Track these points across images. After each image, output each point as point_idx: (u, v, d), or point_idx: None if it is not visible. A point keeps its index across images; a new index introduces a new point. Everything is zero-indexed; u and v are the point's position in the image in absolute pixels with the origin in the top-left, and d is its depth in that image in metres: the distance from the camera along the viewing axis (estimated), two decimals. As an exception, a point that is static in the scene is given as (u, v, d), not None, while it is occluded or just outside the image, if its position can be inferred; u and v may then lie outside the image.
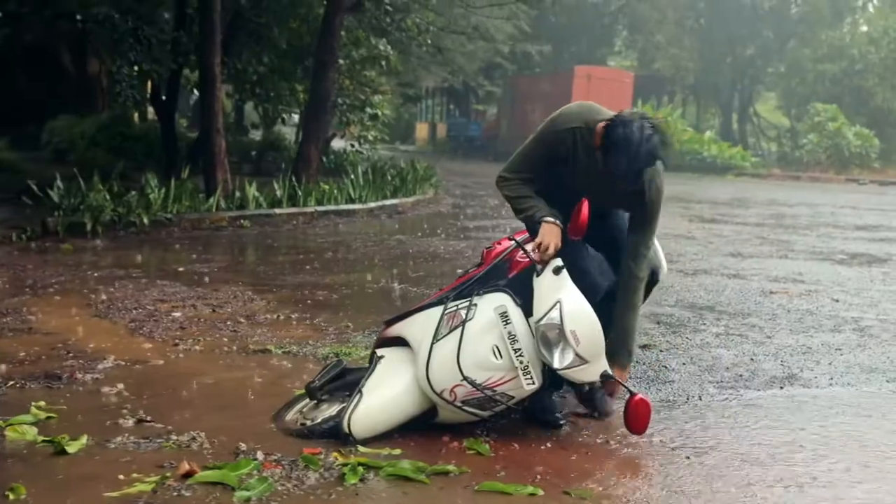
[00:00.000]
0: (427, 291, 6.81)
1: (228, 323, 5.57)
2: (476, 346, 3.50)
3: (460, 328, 3.54)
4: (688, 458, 3.51)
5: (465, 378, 3.47)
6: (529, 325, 3.49)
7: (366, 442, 3.49)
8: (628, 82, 30.59)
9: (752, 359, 5.06)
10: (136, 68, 14.66)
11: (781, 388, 4.52)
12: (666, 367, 4.81)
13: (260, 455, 3.34)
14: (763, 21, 38.59)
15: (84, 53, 21.90)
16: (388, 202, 13.48)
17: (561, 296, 3.42)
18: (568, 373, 3.46)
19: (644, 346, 5.24)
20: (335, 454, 3.38)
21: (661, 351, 5.17)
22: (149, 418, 3.71)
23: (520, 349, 3.49)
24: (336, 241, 9.87)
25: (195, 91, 24.02)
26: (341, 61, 15.64)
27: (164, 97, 15.43)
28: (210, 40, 11.73)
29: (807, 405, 4.25)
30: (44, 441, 3.40)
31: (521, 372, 3.49)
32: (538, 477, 3.27)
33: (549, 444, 3.60)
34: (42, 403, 3.81)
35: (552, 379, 3.62)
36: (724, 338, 5.57)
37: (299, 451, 3.39)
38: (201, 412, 3.85)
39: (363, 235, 10.48)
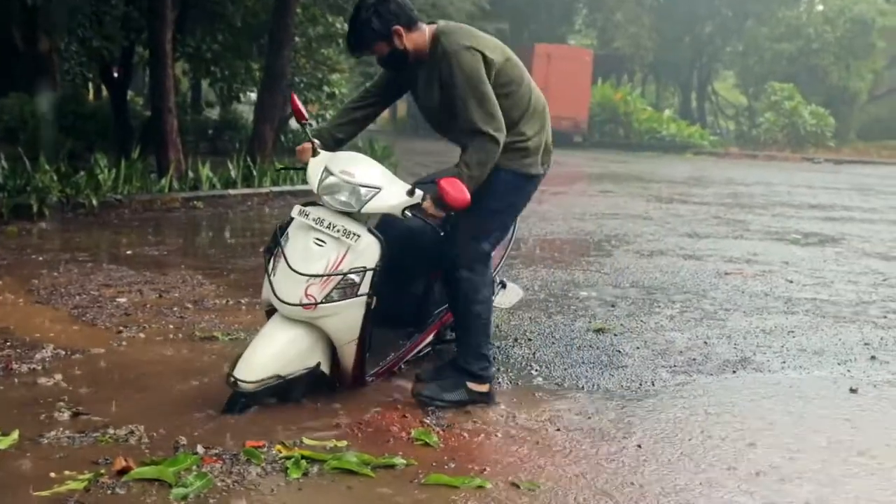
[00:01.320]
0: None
1: (175, 309, 5.43)
2: (298, 250, 3.61)
3: (280, 250, 3.65)
4: (638, 446, 3.47)
5: (306, 276, 3.54)
6: (324, 204, 3.67)
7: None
8: (588, 61, 30.58)
9: (705, 342, 5.04)
10: (85, 45, 14.32)
11: (734, 372, 4.51)
12: (619, 352, 4.77)
13: (200, 449, 3.24)
14: (721, 0, 38.76)
15: (34, 30, 21.40)
16: (345, 182, 13.30)
17: (324, 163, 3.71)
18: (372, 205, 3.60)
19: (598, 331, 5.20)
20: (278, 447, 3.29)
21: (614, 335, 5.13)
22: (85, 411, 3.58)
23: (330, 223, 3.61)
24: (290, 223, 9.71)
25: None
26: (297, 39, 15.42)
27: (115, 75, 15.08)
28: (160, 16, 11.46)
29: (757, 390, 4.22)
30: (-29, 437, 3.27)
31: (345, 238, 3.59)
32: (487, 469, 3.21)
33: (499, 435, 3.54)
34: (-27, 396, 3.67)
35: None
36: (679, 321, 5.55)
37: (241, 445, 3.30)
38: (141, 404, 3.73)
39: (318, 216, 10.32)
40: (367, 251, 3.60)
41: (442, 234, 3.83)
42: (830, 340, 5.14)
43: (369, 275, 3.59)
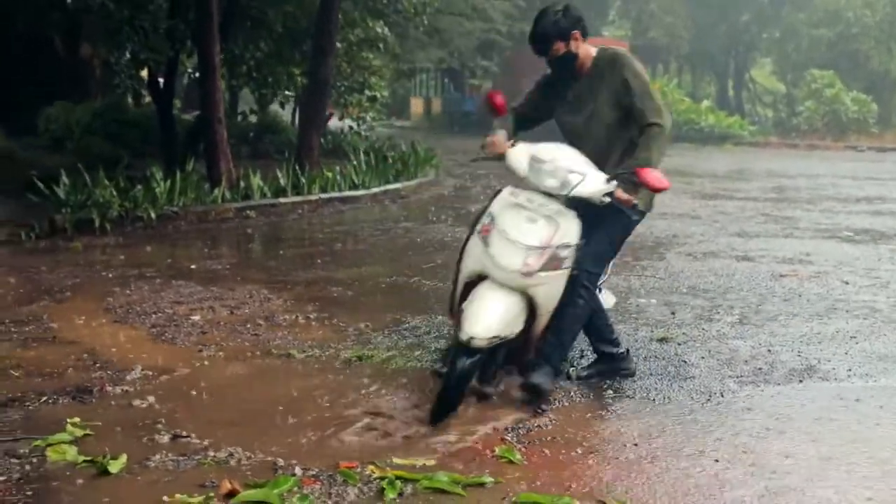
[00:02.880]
0: (440, 284, 6.89)
1: (248, 326, 5.62)
2: (513, 225, 3.95)
3: (493, 225, 3.99)
4: (716, 460, 3.58)
5: (527, 247, 3.89)
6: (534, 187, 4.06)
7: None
8: (623, 53, 30.46)
9: (769, 350, 5.13)
10: (134, 57, 14.61)
11: (801, 381, 4.60)
12: (685, 362, 4.88)
13: (298, 471, 3.41)
14: (757, -13, 38.42)
15: (76, 39, 21.79)
16: (391, 187, 13.50)
17: (530, 152, 4.12)
18: (578, 190, 3.96)
19: (662, 340, 5.31)
20: (371, 468, 3.45)
21: (678, 344, 5.24)
22: (184, 434, 3.77)
23: (541, 203, 3.99)
24: (343, 231, 9.91)
25: (188, 73, 24.00)
26: (338, 45, 15.59)
27: (161, 85, 15.33)
28: (208, 28, 11.70)
29: (825, 401, 4.31)
30: (85, 461, 3.46)
31: (556, 216, 3.96)
32: (572, 485, 3.34)
33: (579, 450, 3.67)
34: (77, 420, 3.86)
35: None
36: (740, 327, 5.64)
37: (335, 465, 3.46)
38: (234, 425, 3.91)
39: (369, 223, 10.51)
40: (572, 229, 4.01)
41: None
42: (894, 346, 5.20)
43: (573, 250, 4.00)
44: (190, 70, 23.66)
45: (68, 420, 3.85)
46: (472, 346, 3.82)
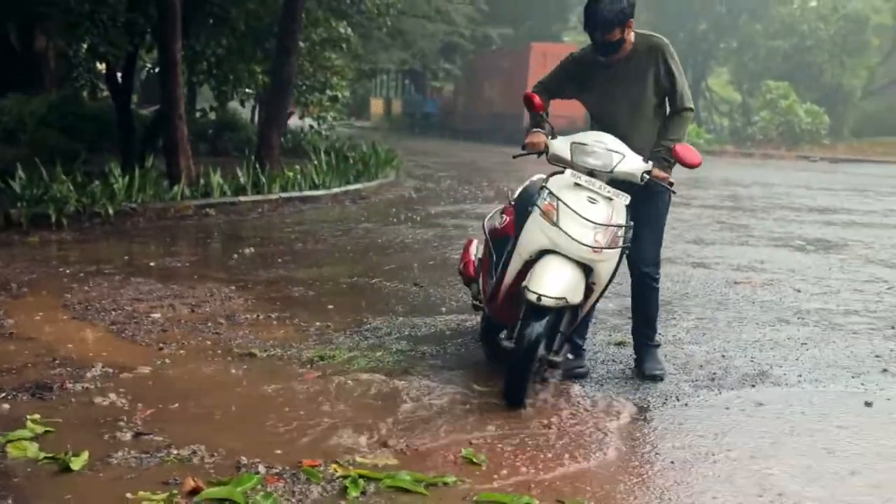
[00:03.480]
0: (401, 285, 6.93)
1: (209, 324, 5.61)
2: (579, 205, 4.20)
3: (558, 203, 4.22)
4: (672, 462, 3.67)
5: (594, 224, 4.15)
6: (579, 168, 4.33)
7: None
8: (583, 59, 30.72)
9: (723, 355, 5.24)
10: (92, 51, 14.44)
11: (753, 386, 4.71)
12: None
13: (262, 469, 3.43)
14: (716, -4, 38.97)
15: (31, 31, 21.46)
16: (351, 187, 13.52)
17: (570, 140, 4.41)
18: (620, 168, 4.28)
19: (619, 344, 5.40)
20: (334, 466, 3.48)
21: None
22: (146, 431, 3.77)
23: (601, 185, 4.27)
24: (304, 231, 9.90)
25: (146, 68, 23.78)
26: (301, 44, 15.55)
27: (119, 79, 15.17)
28: (170, 24, 11.62)
29: (778, 406, 4.43)
30: (46, 458, 3.45)
31: (614, 197, 4.25)
32: (532, 485, 3.41)
33: (543, 454, 3.73)
34: (37, 417, 3.85)
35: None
36: (696, 333, 5.76)
37: (298, 464, 3.49)
38: (197, 423, 3.92)
39: (330, 224, 10.52)
40: (623, 210, 4.27)
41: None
42: (843, 353, 5.35)
43: (625, 230, 4.24)
44: (148, 65, 23.47)
45: (28, 417, 3.84)
46: (541, 304, 4.06)
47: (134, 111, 18.58)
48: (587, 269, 4.23)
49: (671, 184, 4.42)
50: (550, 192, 4.28)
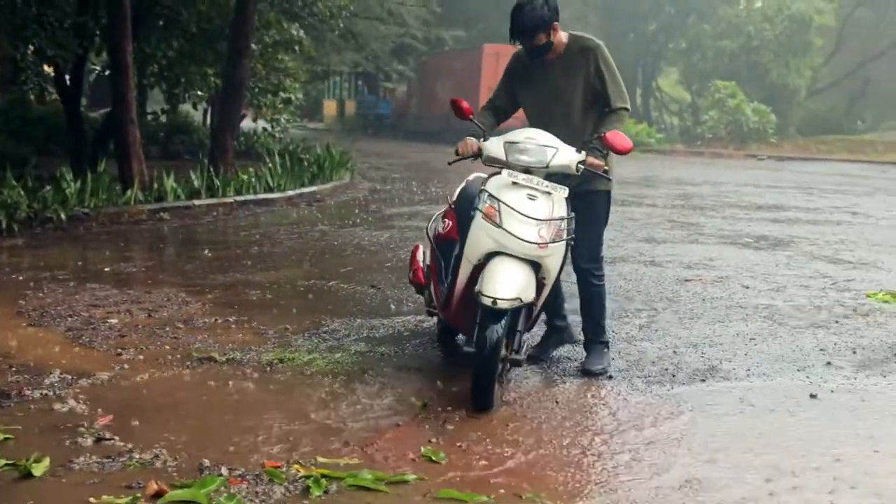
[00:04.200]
0: (358, 287, 6.99)
1: (167, 329, 5.62)
2: (519, 203, 4.27)
3: (498, 205, 4.29)
4: (633, 458, 3.78)
5: (536, 220, 4.24)
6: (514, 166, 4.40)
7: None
8: (536, 60, 30.99)
9: (674, 351, 5.38)
10: (40, 53, 14.25)
11: (703, 381, 4.85)
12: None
13: (224, 470, 3.47)
14: (664, -2, 39.51)
15: (-26, 32, 21.10)
16: (306, 189, 13.53)
17: (503, 140, 4.48)
18: (555, 161, 4.36)
19: (577, 342, 5.50)
20: (296, 466, 3.54)
21: (590, 346, 5.43)
22: (107, 436, 3.79)
23: (538, 181, 4.34)
24: (259, 234, 9.91)
25: (95, 70, 23.50)
26: (254, 46, 15.50)
27: (68, 82, 14.99)
28: (120, 27, 11.51)
29: (725, 399, 4.58)
30: (6, 464, 3.45)
31: (553, 192, 4.34)
32: (491, 481, 3.49)
33: (498, 449, 3.82)
34: (-4, 424, 3.85)
35: None
36: (647, 330, 5.90)
37: (261, 465, 3.54)
38: (157, 427, 3.94)
39: (285, 226, 10.53)
40: (563, 202, 4.38)
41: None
42: (789, 347, 5.52)
43: (567, 222, 4.36)
44: (96, 67, 23.20)
45: (-13, 424, 3.83)
46: (497, 307, 4.14)
47: (83, 114, 18.38)
48: (536, 266, 4.32)
49: (606, 171, 4.53)
50: (490, 195, 4.35)
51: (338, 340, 5.47)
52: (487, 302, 4.15)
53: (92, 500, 3.20)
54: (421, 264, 5.23)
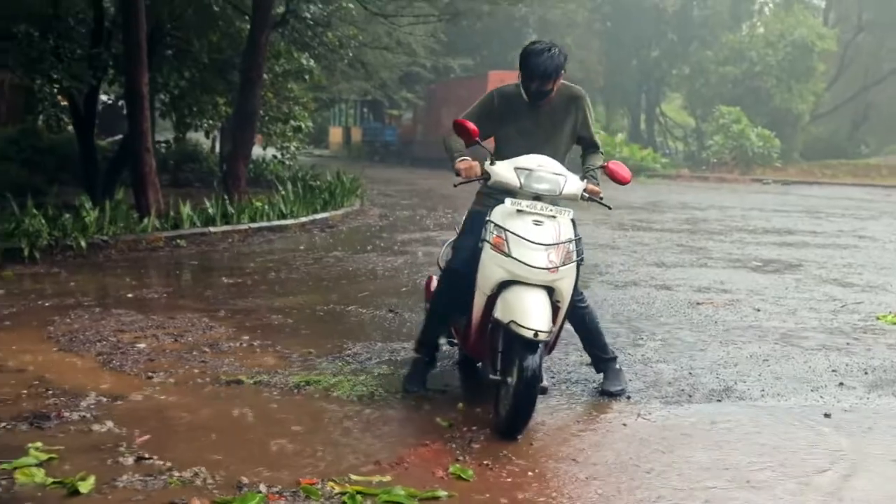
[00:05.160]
0: (378, 312, 7.14)
1: (194, 353, 5.76)
2: (526, 230, 4.35)
3: (505, 234, 4.35)
4: (648, 472, 3.90)
5: (545, 246, 4.31)
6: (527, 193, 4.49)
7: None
8: (540, 87, 31.30)
9: (690, 373, 5.51)
10: (56, 84, 14.50)
11: (719, 401, 4.98)
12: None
13: (262, 488, 3.60)
14: (667, 24, 39.91)
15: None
16: (318, 216, 13.70)
17: (513, 165, 4.54)
18: (567, 190, 4.53)
19: (590, 364, 5.63)
20: (331, 484, 3.67)
21: (607, 368, 5.57)
22: (147, 455, 3.93)
23: (542, 206, 4.44)
24: (275, 260, 10.06)
25: (104, 97, 23.78)
26: (265, 76, 15.75)
27: (82, 112, 15.21)
28: (136, 58, 11.74)
29: (742, 419, 4.70)
30: (54, 483, 3.59)
31: (558, 215, 4.43)
32: (519, 496, 3.62)
33: (529, 472, 3.94)
34: (39, 444, 3.98)
35: None
36: (663, 352, 6.03)
37: (297, 482, 3.67)
38: (194, 446, 4.08)
39: (300, 253, 10.68)
40: (569, 224, 4.48)
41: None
42: (802, 368, 5.65)
43: (575, 243, 4.44)
44: (105, 97, 23.48)
45: (30, 445, 3.97)
46: (538, 339, 4.17)
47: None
48: (549, 290, 4.37)
49: (601, 198, 4.72)
50: (496, 225, 4.42)
51: (361, 363, 5.61)
52: (528, 334, 4.15)
53: (138, 516, 3.33)
54: None
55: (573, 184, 4.56)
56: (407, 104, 34.51)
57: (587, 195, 4.63)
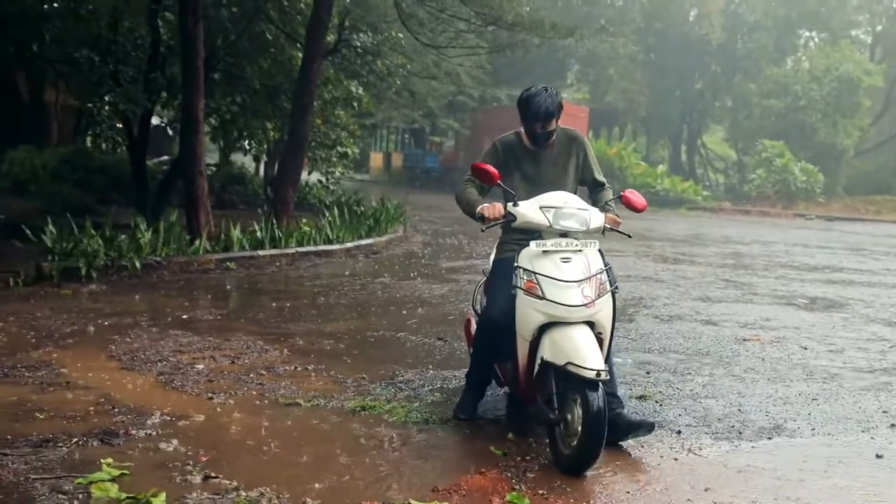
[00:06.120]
0: (427, 340, 7.26)
1: (251, 375, 5.92)
2: (556, 269, 4.40)
3: (535, 278, 4.41)
4: (702, 507, 3.98)
5: (577, 282, 4.35)
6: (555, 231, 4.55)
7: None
8: (583, 117, 31.51)
9: (739, 409, 5.56)
10: (112, 106, 14.90)
11: (769, 438, 5.03)
12: (665, 419, 5.28)
13: (327, 510, 3.73)
14: (711, 56, 39.94)
15: (41, 83, 21.98)
16: (363, 242, 13.89)
17: (538, 204, 4.59)
18: (593, 224, 4.59)
19: (640, 397, 5.71)
20: (393, 508, 3.79)
21: (656, 402, 5.64)
22: (214, 474, 4.07)
23: (567, 242, 4.50)
24: (323, 285, 10.24)
25: (155, 120, 24.30)
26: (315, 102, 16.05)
27: (136, 134, 15.58)
28: (194, 84, 12.04)
29: (794, 457, 4.75)
30: (128, 498, 3.74)
31: (584, 248, 4.50)
32: (575, 527, 3.71)
33: (590, 502, 4.03)
34: (110, 460, 4.14)
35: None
36: (711, 388, 6.08)
37: (359, 505, 3.79)
38: (257, 467, 4.22)
39: (347, 278, 10.85)
40: (597, 255, 4.54)
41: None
42: (852, 408, 5.67)
43: (606, 273, 4.47)
44: (159, 120, 24.00)
45: (102, 461, 4.13)
46: (601, 378, 4.18)
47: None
48: (590, 324, 4.40)
49: (620, 228, 4.82)
50: (525, 269, 4.47)
51: (413, 391, 5.73)
52: (590, 375, 4.15)
53: (210, 532, 3.47)
54: None
55: (597, 217, 4.65)
56: (451, 132, 34.78)
57: (608, 226, 4.72)
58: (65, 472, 4.03)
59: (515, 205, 4.66)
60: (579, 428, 4.23)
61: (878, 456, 4.75)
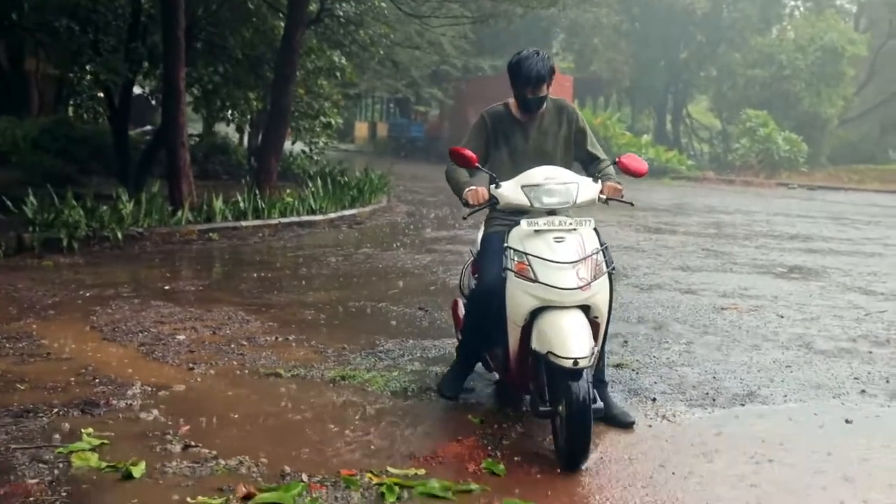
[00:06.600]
0: (408, 310, 7.31)
1: (232, 346, 5.97)
2: (549, 251, 4.13)
3: (527, 259, 4.15)
4: (673, 473, 4.05)
5: (571, 263, 4.09)
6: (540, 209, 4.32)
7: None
8: (568, 86, 31.44)
9: (714, 377, 5.64)
10: (93, 76, 14.79)
11: (743, 405, 5.11)
12: (641, 387, 5.36)
13: (304, 477, 3.79)
14: (696, 25, 39.81)
15: (21, 52, 21.76)
16: (346, 212, 13.92)
17: (518, 184, 4.38)
18: (582, 197, 4.35)
19: (617, 366, 5.78)
20: (368, 475, 3.85)
21: (633, 371, 5.72)
22: (193, 443, 4.12)
23: (560, 221, 4.23)
24: (305, 255, 10.27)
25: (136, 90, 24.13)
26: (297, 72, 15.96)
27: (117, 104, 15.49)
28: (175, 54, 11.98)
29: (764, 422, 4.84)
30: (108, 467, 3.80)
31: (578, 227, 4.22)
32: (549, 493, 3.79)
33: (556, 466, 4.10)
34: (91, 430, 4.19)
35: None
36: (687, 356, 6.16)
37: (337, 473, 3.85)
38: (237, 436, 4.28)
39: (330, 248, 10.87)
40: (592, 234, 4.27)
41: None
42: (824, 375, 5.76)
43: (602, 253, 4.22)
44: (140, 89, 23.82)
45: (83, 430, 4.18)
46: (578, 367, 3.91)
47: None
48: (585, 308, 4.14)
49: (622, 196, 4.52)
50: (515, 251, 4.21)
51: (393, 360, 5.79)
52: (567, 364, 3.91)
53: (189, 500, 3.52)
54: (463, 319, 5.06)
55: (587, 189, 4.37)
56: (435, 102, 34.68)
57: (604, 197, 4.46)
58: (45, 441, 4.08)
59: (497, 186, 4.44)
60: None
61: (847, 421, 4.85)
